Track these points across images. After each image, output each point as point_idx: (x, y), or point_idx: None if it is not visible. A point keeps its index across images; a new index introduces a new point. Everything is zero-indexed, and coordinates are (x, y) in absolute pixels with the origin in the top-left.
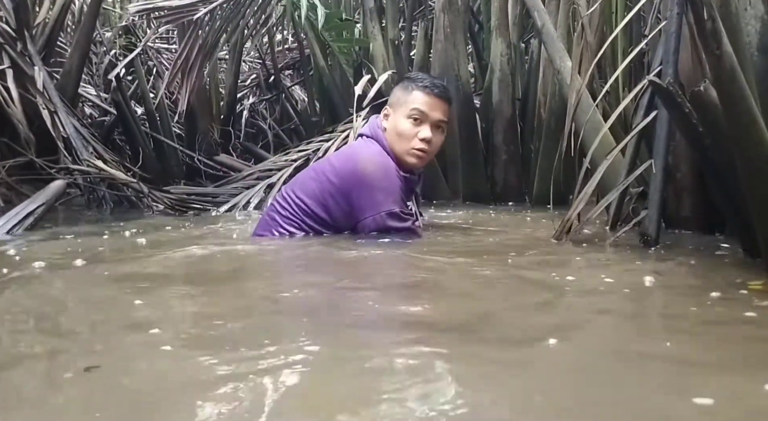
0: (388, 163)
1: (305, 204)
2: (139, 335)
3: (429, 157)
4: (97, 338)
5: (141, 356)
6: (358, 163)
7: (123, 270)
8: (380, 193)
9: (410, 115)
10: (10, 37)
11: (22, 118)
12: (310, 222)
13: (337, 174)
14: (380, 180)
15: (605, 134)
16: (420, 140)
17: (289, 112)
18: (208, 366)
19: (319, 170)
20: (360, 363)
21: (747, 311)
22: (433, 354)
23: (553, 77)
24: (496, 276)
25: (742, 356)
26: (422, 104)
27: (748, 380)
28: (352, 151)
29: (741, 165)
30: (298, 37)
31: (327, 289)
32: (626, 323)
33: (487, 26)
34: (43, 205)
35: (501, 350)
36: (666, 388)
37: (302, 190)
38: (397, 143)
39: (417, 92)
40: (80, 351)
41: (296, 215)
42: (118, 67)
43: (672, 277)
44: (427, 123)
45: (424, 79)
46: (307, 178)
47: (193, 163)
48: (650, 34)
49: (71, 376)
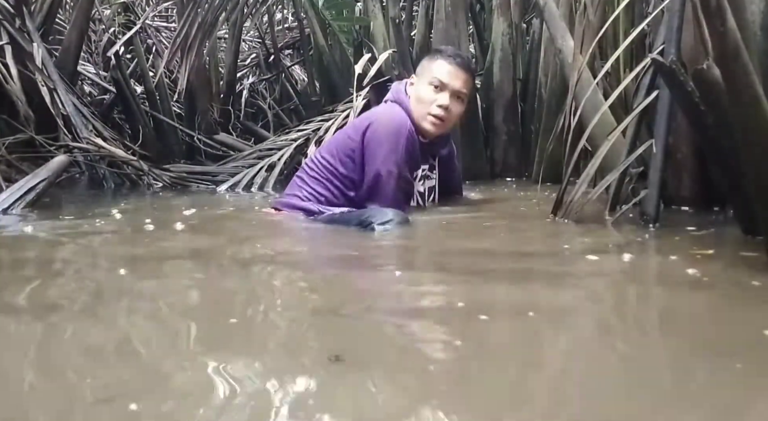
0: (402, 123)
1: (329, 163)
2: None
3: (446, 125)
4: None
5: None
6: (373, 120)
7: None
8: (384, 148)
9: (431, 82)
10: (9, 14)
11: (21, 95)
12: (336, 182)
13: (355, 130)
14: (388, 135)
15: (605, 114)
16: (438, 107)
17: (289, 91)
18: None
19: (343, 130)
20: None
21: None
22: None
23: (555, 57)
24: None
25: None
26: (443, 73)
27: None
28: (372, 111)
29: (743, 144)
30: (298, 16)
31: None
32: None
33: (489, 5)
34: (45, 181)
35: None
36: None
37: (326, 150)
38: (416, 108)
39: (440, 60)
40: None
41: (322, 173)
42: (117, 45)
43: (666, 253)
44: (447, 91)
45: (448, 50)
46: (332, 139)
47: (192, 143)
48: (653, 13)
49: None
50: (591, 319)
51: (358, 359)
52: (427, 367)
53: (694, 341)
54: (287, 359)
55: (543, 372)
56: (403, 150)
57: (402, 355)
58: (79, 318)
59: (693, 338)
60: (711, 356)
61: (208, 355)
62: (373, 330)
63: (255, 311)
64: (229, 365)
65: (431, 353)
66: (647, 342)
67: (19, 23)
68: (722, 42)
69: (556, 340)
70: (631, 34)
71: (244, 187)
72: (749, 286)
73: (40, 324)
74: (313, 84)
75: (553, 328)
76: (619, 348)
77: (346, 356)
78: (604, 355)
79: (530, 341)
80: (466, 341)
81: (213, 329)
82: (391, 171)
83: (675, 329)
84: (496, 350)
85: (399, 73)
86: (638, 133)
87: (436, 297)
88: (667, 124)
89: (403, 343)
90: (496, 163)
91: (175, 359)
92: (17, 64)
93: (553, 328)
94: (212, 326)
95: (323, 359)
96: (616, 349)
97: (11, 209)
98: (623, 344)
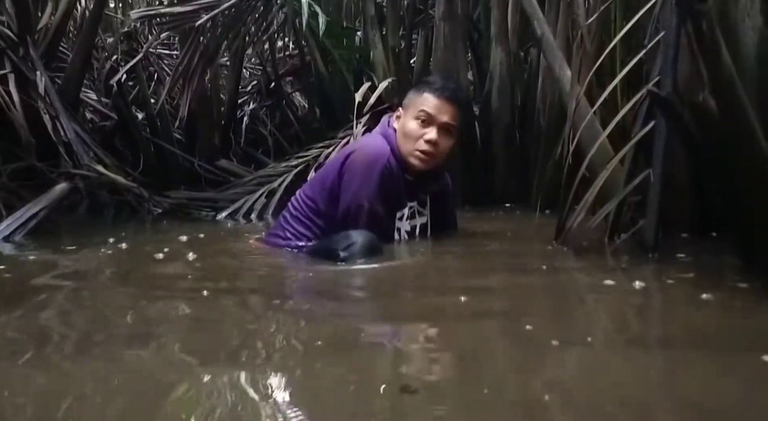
0: (379, 155)
1: (311, 200)
2: None
3: (434, 160)
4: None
5: None
6: (351, 152)
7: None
8: (356, 182)
9: (418, 117)
10: (13, 42)
11: (24, 123)
12: (318, 221)
13: (336, 161)
14: (362, 168)
15: (603, 142)
16: (425, 142)
17: (290, 118)
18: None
19: (325, 165)
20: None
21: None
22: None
23: (552, 86)
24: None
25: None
26: (430, 106)
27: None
28: (353, 143)
29: (739, 174)
30: (299, 44)
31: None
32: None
33: (487, 35)
34: (46, 208)
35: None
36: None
37: (309, 187)
38: (403, 144)
39: (427, 94)
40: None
41: (304, 212)
42: (120, 73)
43: (668, 281)
44: (434, 125)
45: (436, 82)
46: (315, 175)
47: (193, 169)
48: (649, 45)
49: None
50: (597, 351)
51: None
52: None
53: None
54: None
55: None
56: (376, 185)
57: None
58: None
59: (696, 366)
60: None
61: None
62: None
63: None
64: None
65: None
66: (653, 369)
67: (22, 52)
68: (717, 75)
69: (570, 365)
70: (628, 63)
71: (244, 214)
72: (748, 313)
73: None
74: (313, 111)
75: (565, 356)
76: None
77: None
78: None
79: (530, 363)
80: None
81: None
82: (361, 205)
83: (680, 355)
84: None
85: (398, 100)
86: (636, 162)
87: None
88: (664, 153)
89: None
90: (495, 189)
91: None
92: (20, 92)
93: (564, 356)
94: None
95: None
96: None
97: (12, 236)
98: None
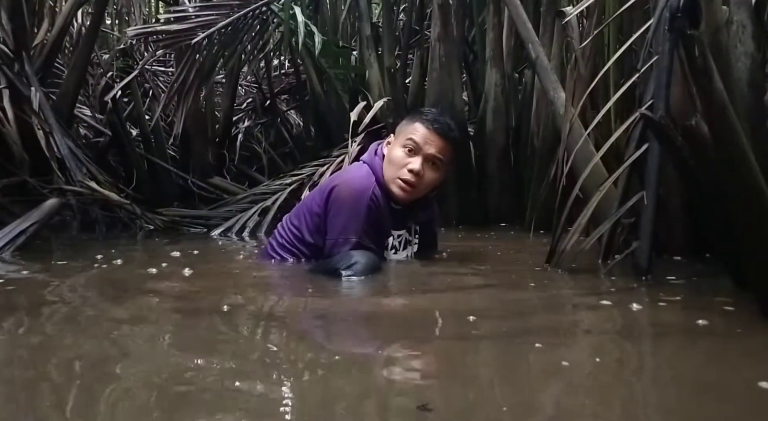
0: (365, 188)
1: (297, 230)
2: None
3: (416, 191)
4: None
5: None
6: (337, 184)
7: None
8: (344, 216)
9: (405, 145)
10: (8, 58)
11: (17, 138)
12: (304, 250)
13: (321, 192)
14: (349, 202)
15: (597, 164)
16: (408, 171)
17: (285, 136)
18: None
19: (311, 194)
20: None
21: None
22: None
23: (547, 108)
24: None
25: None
26: (419, 136)
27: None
28: (338, 173)
29: (731, 198)
30: (295, 63)
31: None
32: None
33: (482, 56)
34: (36, 224)
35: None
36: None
37: (295, 216)
38: (387, 170)
39: (418, 123)
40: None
41: (290, 241)
42: (115, 90)
43: (661, 304)
44: (420, 156)
45: (429, 114)
46: (301, 204)
47: (187, 186)
48: (642, 68)
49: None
50: (592, 376)
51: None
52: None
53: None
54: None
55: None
56: (364, 218)
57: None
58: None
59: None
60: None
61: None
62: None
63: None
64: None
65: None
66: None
67: (17, 67)
68: (709, 99)
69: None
70: (621, 87)
71: (237, 231)
72: (741, 337)
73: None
74: (308, 129)
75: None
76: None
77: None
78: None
79: (541, 383)
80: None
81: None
82: (348, 239)
83: (675, 380)
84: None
85: (393, 120)
86: (630, 184)
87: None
88: (657, 175)
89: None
90: (489, 210)
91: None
92: (14, 107)
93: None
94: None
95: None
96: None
97: (1, 252)
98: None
